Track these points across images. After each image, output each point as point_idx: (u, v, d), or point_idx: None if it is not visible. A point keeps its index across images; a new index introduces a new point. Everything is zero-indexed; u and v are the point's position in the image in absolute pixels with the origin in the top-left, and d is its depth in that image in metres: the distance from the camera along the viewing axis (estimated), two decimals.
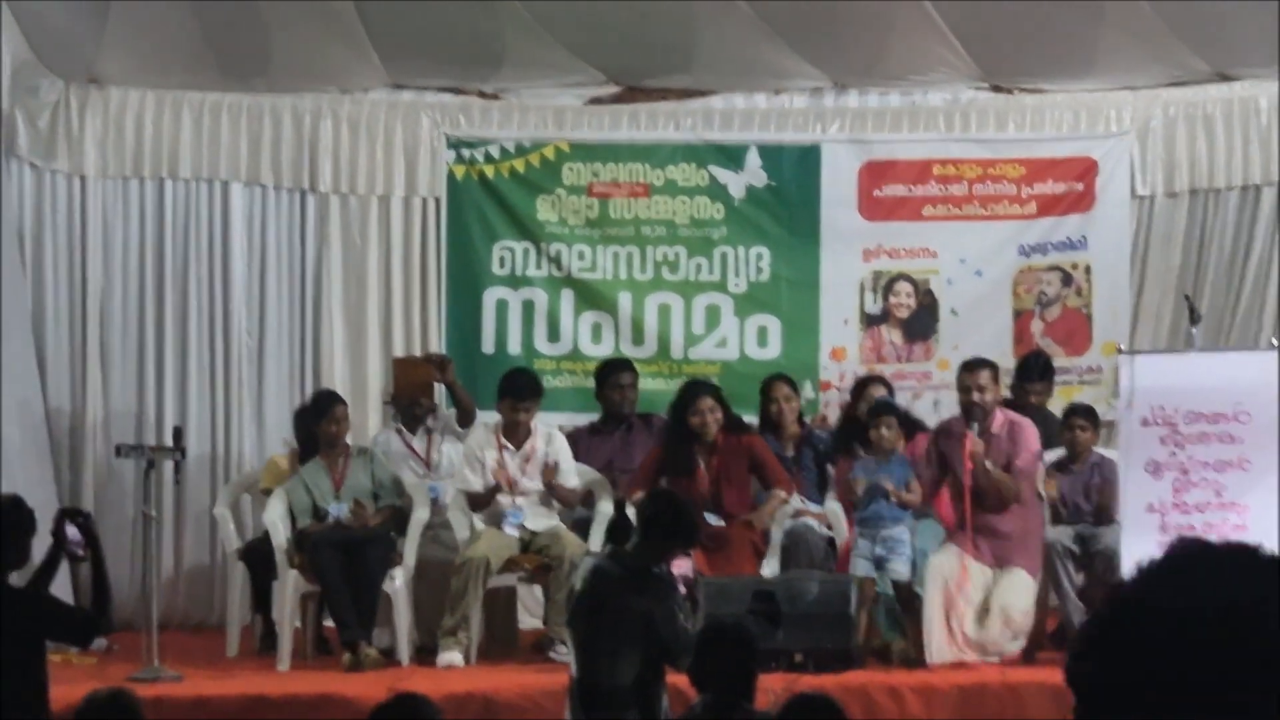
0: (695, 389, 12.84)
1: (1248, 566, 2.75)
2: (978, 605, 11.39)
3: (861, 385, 13.11)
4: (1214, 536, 9.09)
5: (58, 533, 9.02)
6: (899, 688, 10.68)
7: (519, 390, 12.60)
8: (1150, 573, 2.77)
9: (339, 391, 13.29)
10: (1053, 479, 12.26)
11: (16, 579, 9.10)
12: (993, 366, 12.19)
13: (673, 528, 9.79)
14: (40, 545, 9.20)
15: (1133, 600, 2.75)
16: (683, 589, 11.12)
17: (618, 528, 10.68)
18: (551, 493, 12.54)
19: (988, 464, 11.67)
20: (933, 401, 13.62)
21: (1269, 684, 2.65)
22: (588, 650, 9.51)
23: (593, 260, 14.37)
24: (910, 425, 12.54)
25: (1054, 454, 12.40)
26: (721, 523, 12.45)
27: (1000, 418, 11.98)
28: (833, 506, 12.52)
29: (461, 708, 10.03)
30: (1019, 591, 11.80)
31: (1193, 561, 2.79)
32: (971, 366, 12.11)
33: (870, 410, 12.46)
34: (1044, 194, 14.16)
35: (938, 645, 11.21)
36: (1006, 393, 12.52)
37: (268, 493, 12.86)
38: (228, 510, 13.21)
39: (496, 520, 12.44)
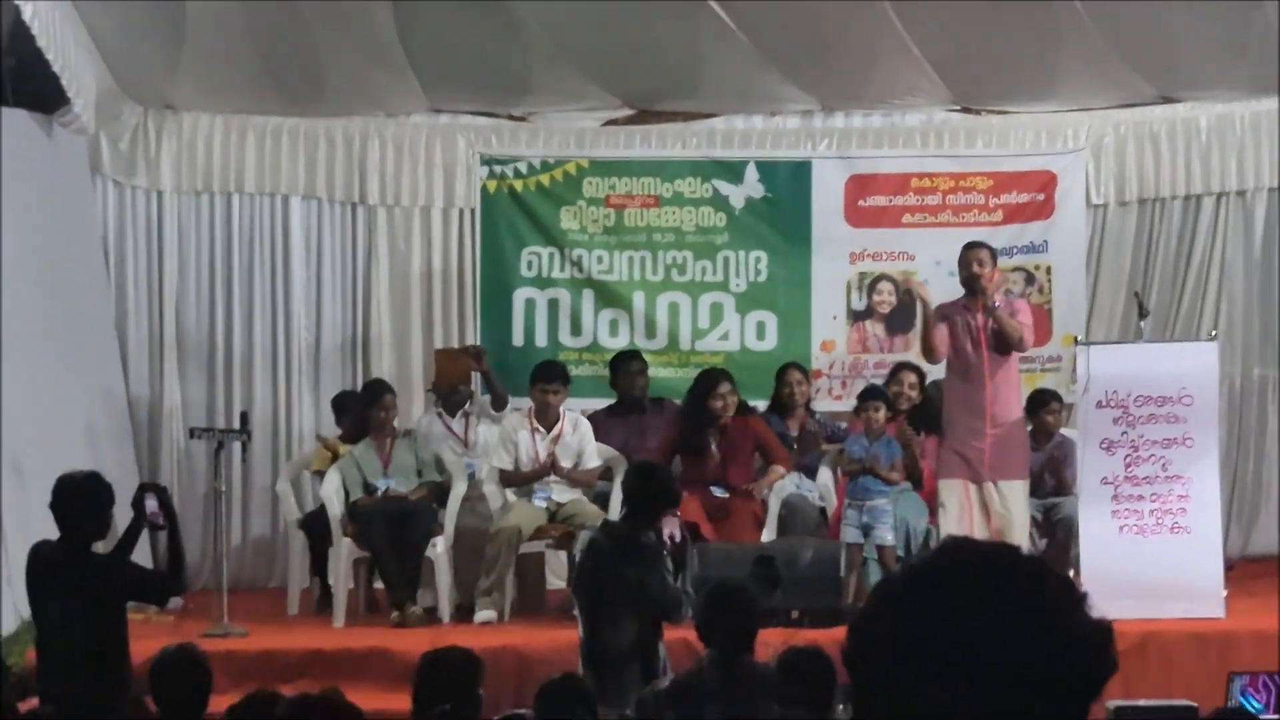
0: (715, 376, 12.82)
1: (1006, 568, 2.69)
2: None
3: (896, 370, 13.09)
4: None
5: (138, 505, 9.10)
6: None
7: (548, 374, 12.69)
8: (915, 572, 2.71)
9: (387, 380, 13.36)
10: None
11: (100, 548, 9.20)
12: (990, 248, 12.22)
13: (653, 495, 9.85)
14: (123, 517, 9.31)
15: (911, 578, 2.69)
16: (675, 539, 11.09)
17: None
18: (571, 483, 12.54)
19: (995, 304, 11.67)
20: (931, 382, 13.33)
21: (1030, 679, 2.58)
22: (591, 616, 9.58)
23: (610, 263, 14.35)
24: (928, 418, 12.51)
25: None
26: (726, 495, 12.44)
27: (998, 298, 11.98)
28: (824, 480, 12.49)
29: (496, 660, 9.94)
30: (1018, 503, 11.78)
31: (955, 563, 2.72)
32: (972, 245, 12.13)
33: (860, 395, 12.53)
34: (1009, 203, 14.14)
35: None
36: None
37: (317, 473, 12.97)
38: (288, 485, 13.28)
39: (527, 494, 12.46)
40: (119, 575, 9.08)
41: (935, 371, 12.66)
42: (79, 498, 8.95)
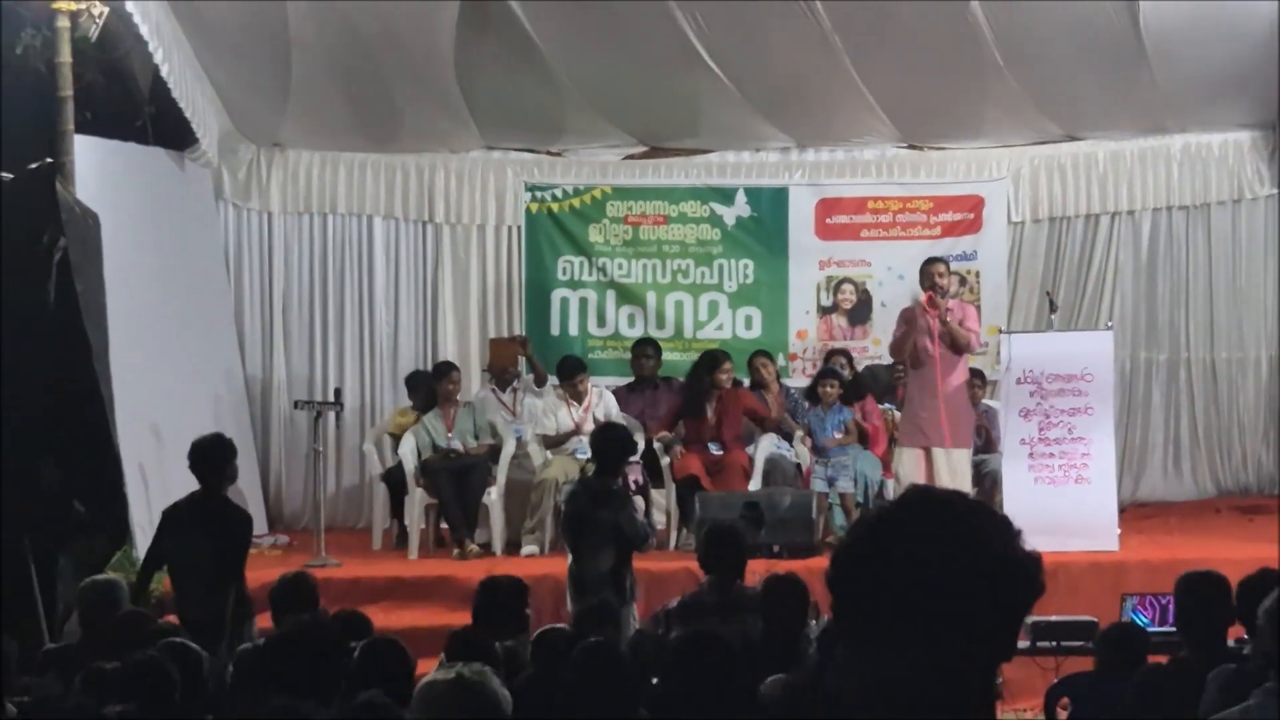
0: (719, 355, 12.87)
1: (959, 509, 2.67)
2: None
3: (829, 355, 13.26)
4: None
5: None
6: None
7: (569, 373, 12.90)
8: (898, 506, 2.72)
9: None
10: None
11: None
12: (946, 261, 12.43)
13: (617, 450, 9.91)
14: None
15: (877, 523, 2.69)
16: (639, 484, 11.52)
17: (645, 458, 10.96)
18: None
19: (948, 318, 11.72)
20: (866, 366, 13.56)
21: (975, 601, 2.57)
22: (575, 550, 9.64)
23: (628, 269, 14.37)
24: (859, 390, 12.67)
25: None
26: (721, 452, 12.46)
27: (951, 302, 12.06)
28: (798, 443, 12.58)
29: (539, 584, 10.01)
30: (963, 464, 11.89)
31: (918, 506, 2.71)
32: (933, 260, 12.22)
33: (817, 374, 12.75)
34: (945, 221, 14.16)
35: None
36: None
37: (395, 436, 13.02)
38: (372, 446, 13.36)
39: (564, 451, 12.53)
40: (242, 519, 9.16)
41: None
42: (210, 456, 9.04)
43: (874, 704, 2.64)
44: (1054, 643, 8.63)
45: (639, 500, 11.79)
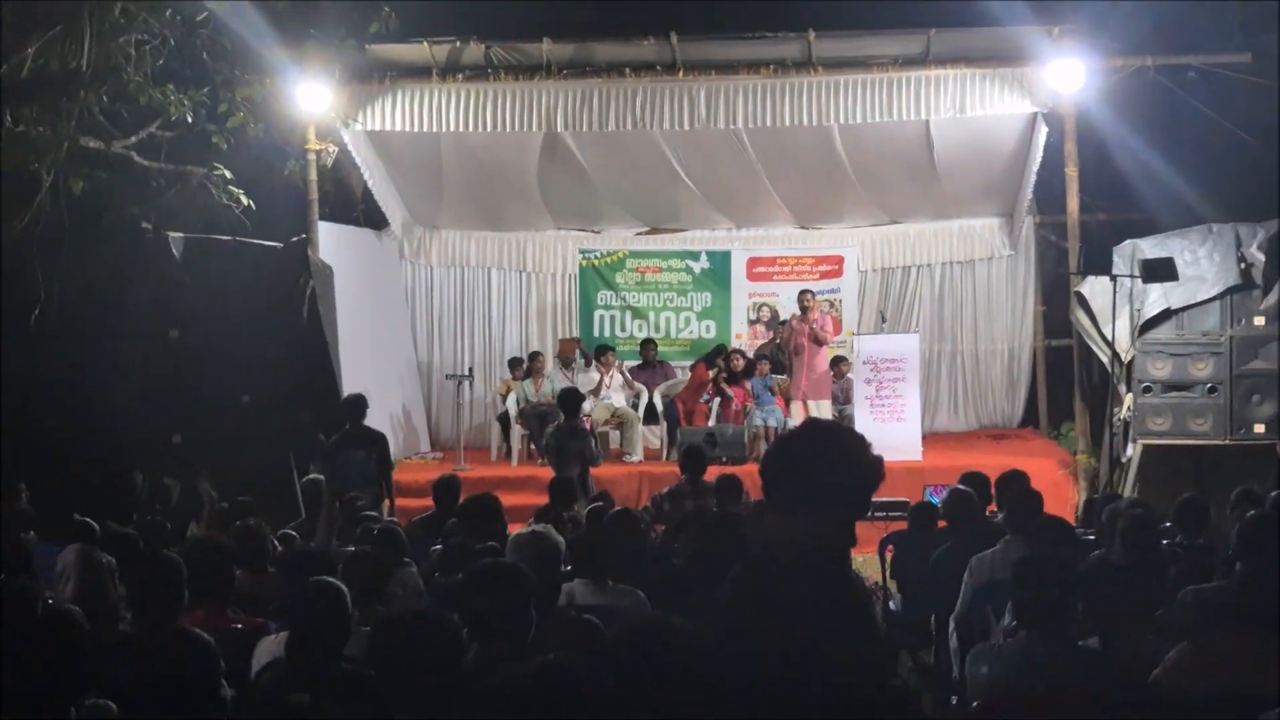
0: (724, 348, 12.98)
1: (837, 429, 2.69)
2: None
3: (731, 353, 12.99)
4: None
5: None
6: None
7: (599, 353, 12.84)
8: (800, 429, 2.66)
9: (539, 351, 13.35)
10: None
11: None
12: (813, 292, 12.42)
13: (575, 402, 9.90)
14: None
15: (788, 439, 2.68)
16: (592, 422, 11.20)
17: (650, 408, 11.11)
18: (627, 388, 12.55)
19: (814, 327, 11.86)
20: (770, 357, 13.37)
21: (844, 485, 2.54)
22: (556, 466, 9.53)
23: (638, 298, 14.32)
24: (776, 368, 12.62)
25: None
26: (696, 405, 12.50)
27: (818, 316, 12.13)
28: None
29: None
30: (824, 410, 11.90)
31: (812, 428, 2.72)
32: (804, 291, 12.41)
33: (755, 358, 12.70)
34: (821, 270, 14.08)
35: None
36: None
37: (503, 395, 12.97)
38: (495, 399, 13.34)
39: (599, 401, 12.43)
40: (382, 440, 9.23)
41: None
42: (358, 405, 9.27)
43: (786, 543, 2.53)
44: (884, 513, 8.47)
45: (650, 429, 11.69)
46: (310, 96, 11.23)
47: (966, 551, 5.75)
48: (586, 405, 12.43)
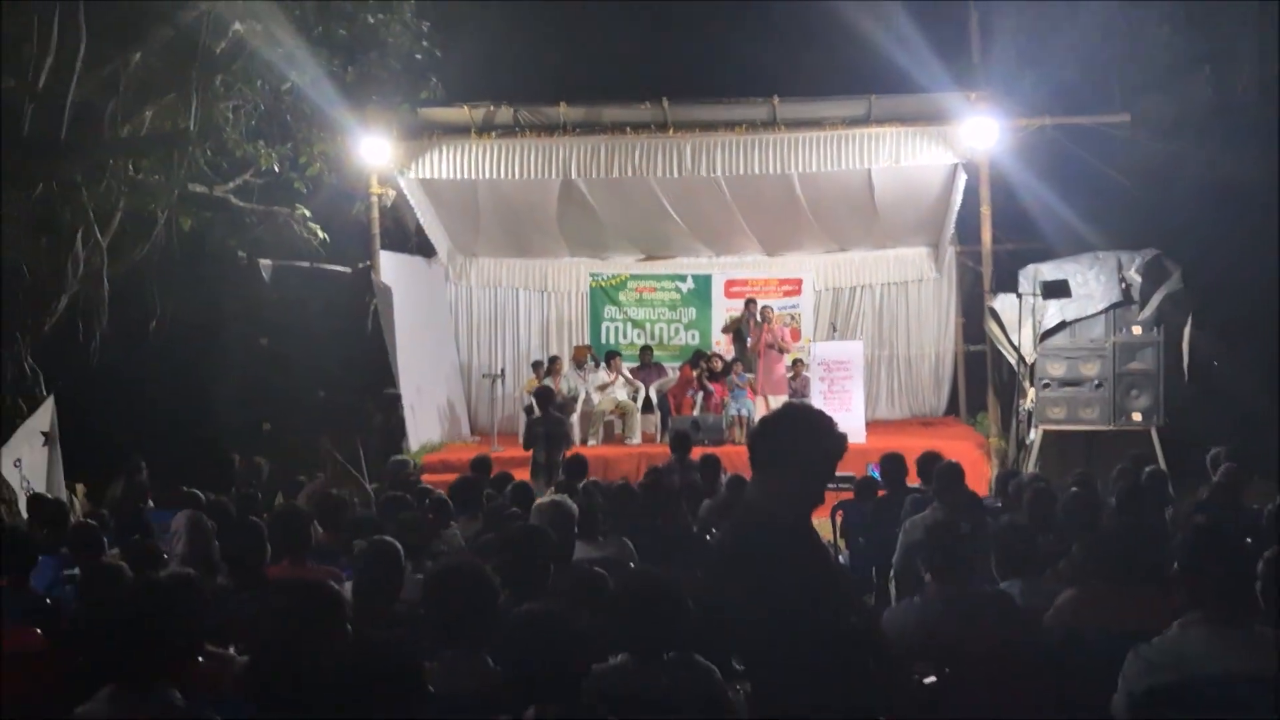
0: (704, 353, 12.84)
1: (809, 410, 2.66)
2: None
3: (710, 356, 12.85)
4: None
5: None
6: (743, 453, 10.40)
7: (607, 357, 12.70)
8: (782, 410, 2.73)
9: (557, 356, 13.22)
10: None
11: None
12: (771, 306, 12.30)
13: (549, 398, 9.87)
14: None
15: (773, 418, 2.66)
16: (566, 413, 10.78)
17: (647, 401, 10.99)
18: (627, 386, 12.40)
19: (776, 339, 11.77)
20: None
21: (815, 454, 2.53)
22: (546, 450, 9.49)
23: (638, 312, 14.24)
24: (728, 367, 12.41)
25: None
26: (683, 399, 12.33)
27: (778, 327, 12.07)
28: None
29: (599, 458, 10.17)
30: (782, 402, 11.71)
31: (787, 410, 2.72)
32: (765, 307, 12.32)
33: (732, 361, 12.48)
34: (784, 290, 13.96)
35: None
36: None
37: (529, 392, 12.60)
38: (522, 395, 13.09)
39: (606, 395, 12.37)
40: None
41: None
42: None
43: (763, 506, 2.50)
44: (835, 484, 8.04)
45: (647, 418, 11.54)
46: (373, 150, 11.51)
47: (895, 517, 5.81)
48: (596, 398, 12.42)
